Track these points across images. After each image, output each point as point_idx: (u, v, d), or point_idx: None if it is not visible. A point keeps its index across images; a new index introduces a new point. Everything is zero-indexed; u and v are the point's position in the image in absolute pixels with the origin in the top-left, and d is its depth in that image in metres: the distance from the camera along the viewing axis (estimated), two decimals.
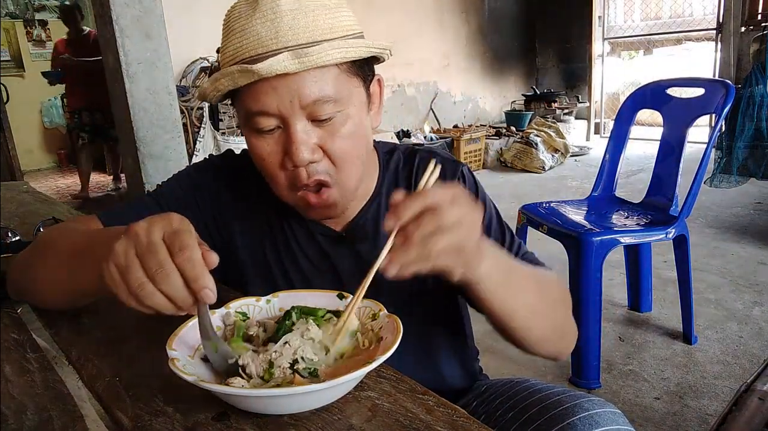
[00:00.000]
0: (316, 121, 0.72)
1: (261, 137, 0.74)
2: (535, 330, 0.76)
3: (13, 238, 1.14)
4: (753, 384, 1.02)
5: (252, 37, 0.69)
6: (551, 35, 7.18)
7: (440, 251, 0.56)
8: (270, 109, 0.71)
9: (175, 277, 0.53)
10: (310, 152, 0.72)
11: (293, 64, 0.67)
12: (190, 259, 0.53)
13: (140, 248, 0.55)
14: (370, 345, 0.64)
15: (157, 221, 0.56)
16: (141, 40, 2.49)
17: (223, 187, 0.89)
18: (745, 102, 3.35)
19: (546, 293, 0.78)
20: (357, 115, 0.76)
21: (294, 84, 0.69)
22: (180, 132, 2.74)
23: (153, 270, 0.53)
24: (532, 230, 2.23)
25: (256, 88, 0.70)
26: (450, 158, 0.92)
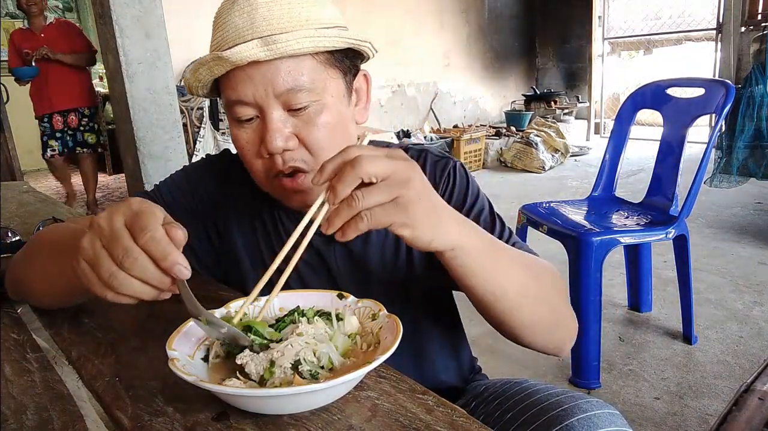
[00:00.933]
0: (292, 110, 0.74)
1: (241, 126, 0.76)
2: (526, 313, 0.71)
3: (13, 238, 1.15)
4: (753, 384, 1.02)
5: (230, 29, 0.72)
6: (551, 35, 7.18)
7: (372, 204, 0.54)
8: (245, 97, 0.73)
9: (143, 260, 0.52)
10: (284, 139, 0.74)
11: (262, 51, 0.68)
12: (153, 239, 0.52)
13: (104, 239, 0.54)
14: (369, 346, 0.64)
15: (117, 208, 0.56)
16: (141, 40, 2.49)
17: (219, 186, 0.90)
18: (745, 102, 3.35)
19: (537, 277, 0.74)
20: (334, 106, 0.76)
21: (268, 73, 0.71)
22: (180, 132, 2.74)
23: (120, 257, 0.52)
24: (532, 230, 2.23)
25: (233, 77, 0.73)
26: (441, 155, 0.91)
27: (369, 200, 0.54)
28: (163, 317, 0.80)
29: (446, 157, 0.90)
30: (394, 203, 0.55)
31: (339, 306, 0.70)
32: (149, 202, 0.57)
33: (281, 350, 0.60)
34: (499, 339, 0.82)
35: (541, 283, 0.74)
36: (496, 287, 0.67)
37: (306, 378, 0.59)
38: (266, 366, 0.59)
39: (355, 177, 0.54)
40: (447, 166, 0.88)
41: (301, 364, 0.59)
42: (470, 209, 0.85)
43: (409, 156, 0.85)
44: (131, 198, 0.58)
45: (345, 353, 0.63)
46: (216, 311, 0.70)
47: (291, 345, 0.60)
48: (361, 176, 0.54)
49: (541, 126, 5.90)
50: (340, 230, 0.55)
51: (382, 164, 0.55)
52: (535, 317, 0.73)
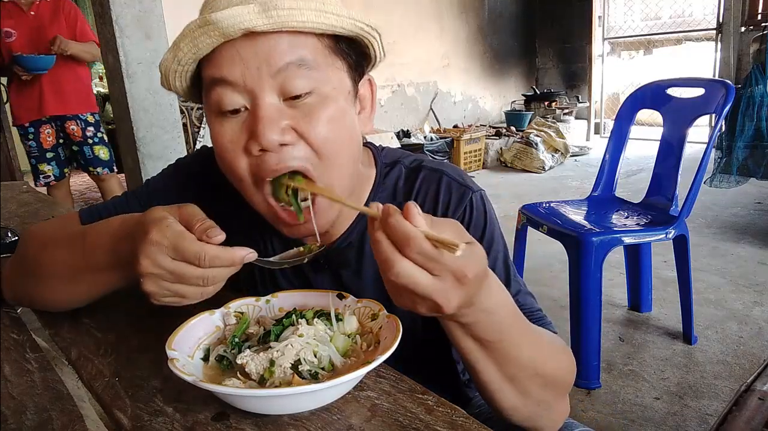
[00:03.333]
0: (288, 98, 0.62)
1: (224, 119, 0.64)
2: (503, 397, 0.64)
3: (12, 238, 1.15)
4: (753, 384, 1.02)
5: (222, 2, 0.61)
6: (551, 35, 7.18)
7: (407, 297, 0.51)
8: (233, 77, 0.61)
9: (219, 271, 0.58)
10: (279, 132, 0.61)
11: (260, 18, 0.57)
12: (212, 258, 0.57)
13: (169, 278, 0.58)
14: (369, 346, 0.64)
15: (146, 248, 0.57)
16: (141, 40, 2.49)
17: (210, 185, 0.82)
18: (745, 102, 3.35)
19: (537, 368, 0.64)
20: (337, 101, 0.65)
21: (263, 46, 0.60)
22: (180, 132, 2.74)
23: (202, 283, 0.58)
24: (532, 230, 2.23)
25: (219, 54, 0.61)
26: (459, 180, 0.79)
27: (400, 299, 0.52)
28: (162, 317, 0.80)
29: (465, 185, 0.78)
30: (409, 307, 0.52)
31: (339, 306, 0.70)
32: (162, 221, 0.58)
33: (281, 350, 0.60)
34: None
35: (538, 375, 0.64)
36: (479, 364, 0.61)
37: (306, 378, 0.59)
38: (266, 366, 0.59)
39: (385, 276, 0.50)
40: (465, 197, 0.77)
41: (301, 364, 0.59)
42: None
43: (423, 175, 0.78)
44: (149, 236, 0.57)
45: (345, 352, 0.63)
46: (216, 311, 0.70)
47: (291, 345, 0.60)
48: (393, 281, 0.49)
49: (541, 126, 5.90)
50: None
51: (422, 286, 0.48)
52: (515, 404, 0.65)
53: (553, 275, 2.78)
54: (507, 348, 0.60)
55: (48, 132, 3.21)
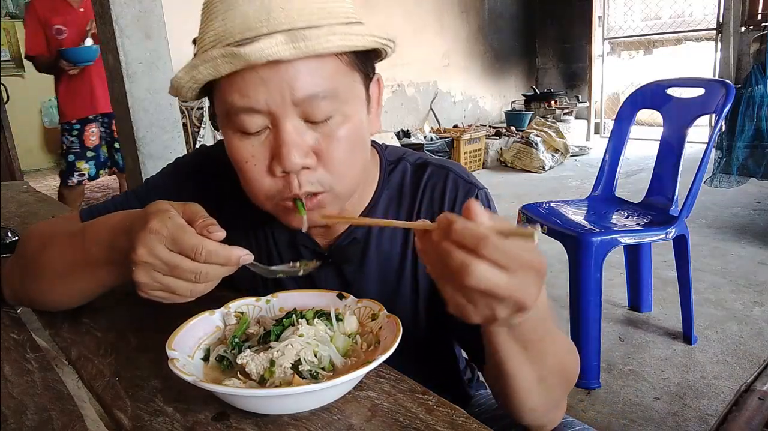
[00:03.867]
0: (310, 122, 0.63)
1: (245, 138, 0.64)
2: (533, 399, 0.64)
3: (13, 238, 1.15)
4: (753, 384, 1.02)
5: (238, 18, 0.59)
6: (551, 35, 7.18)
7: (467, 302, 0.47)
8: (257, 105, 0.61)
9: (213, 269, 0.58)
10: (302, 155, 0.63)
11: (288, 49, 0.57)
12: (210, 253, 0.57)
13: (162, 269, 0.58)
14: (369, 346, 0.64)
15: (144, 237, 0.57)
16: (141, 40, 2.49)
17: (209, 184, 0.83)
18: (745, 102, 3.35)
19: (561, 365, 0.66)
20: (357, 115, 0.67)
21: (286, 74, 0.60)
22: (180, 132, 2.73)
23: (194, 278, 0.58)
24: None
25: (241, 79, 0.60)
26: (465, 177, 0.80)
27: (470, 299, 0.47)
28: (163, 316, 0.80)
29: (471, 182, 0.80)
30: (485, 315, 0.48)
31: (339, 306, 0.70)
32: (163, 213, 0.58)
33: (281, 350, 0.60)
34: None
35: (559, 373, 0.66)
36: (519, 369, 0.60)
37: (306, 378, 0.59)
38: (266, 366, 0.59)
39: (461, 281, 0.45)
40: (470, 194, 0.78)
41: (301, 364, 0.59)
42: None
43: (429, 172, 0.79)
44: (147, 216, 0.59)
45: (345, 352, 0.63)
46: (216, 311, 0.70)
47: (291, 345, 0.60)
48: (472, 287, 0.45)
49: (541, 126, 5.90)
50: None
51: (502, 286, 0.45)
52: (539, 404, 0.66)
53: (553, 275, 2.78)
54: (545, 347, 0.60)
55: (93, 131, 3.26)
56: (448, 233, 0.46)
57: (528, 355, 0.59)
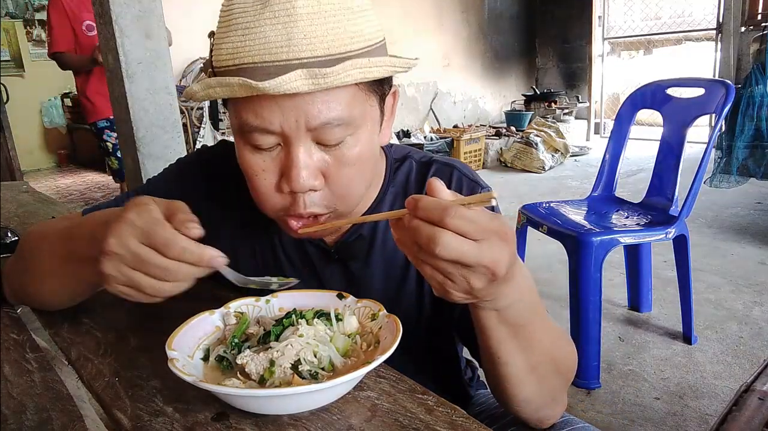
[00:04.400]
0: (322, 144, 0.64)
1: (257, 152, 0.65)
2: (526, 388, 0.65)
3: (13, 238, 1.15)
4: (753, 384, 1.02)
5: (259, 40, 0.58)
6: (551, 35, 7.18)
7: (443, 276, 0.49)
8: (271, 127, 0.61)
9: (182, 268, 0.56)
10: (312, 177, 0.64)
11: (306, 84, 0.57)
12: (183, 249, 0.55)
13: (130, 263, 0.56)
14: (369, 346, 0.64)
15: (118, 228, 0.56)
16: (141, 40, 2.49)
17: (211, 185, 0.84)
18: (745, 102, 3.35)
19: (554, 354, 0.67)
20: (368, 136, 0.67)
21: (303, 103, 0.60)
22: (180, 132, 2.73)
23: (161, 275, 0.55)
24: (532, 230, 2.23)
25: (258, 103, 0.61)
26: (470, 175, 0.81)
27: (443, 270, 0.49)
28: (162, 317, 0.80)
29: (475, 181, 0.81)
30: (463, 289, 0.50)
31: (339, 306, 0.70)
32: (144, 205, 0.57)
33: (281, 350, 0.60)
34: None
35: (554, 362, 0.67)
36: (510, 356, 0.62)
37: (306, 378, 0.59)
38: (266, 366, 0.59)
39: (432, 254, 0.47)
40: (474, 192, 0.79)
41: (301, 364, 0.59)
42: None
43: (435, 169, 0.80)
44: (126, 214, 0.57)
45: (345, 352, 0.63)
46: (216, 311, 0.70)
47: (291, 345, 0.60)
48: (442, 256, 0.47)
49: (541, 126, 5.90)
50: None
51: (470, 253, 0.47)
52: (533, 395, 0.67)
53: (553, 275, 2.78)
54: (534, 333, 0.62)
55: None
56: (416, 212, 0.48)
57: (518, 342, 0.61)
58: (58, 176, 6.67)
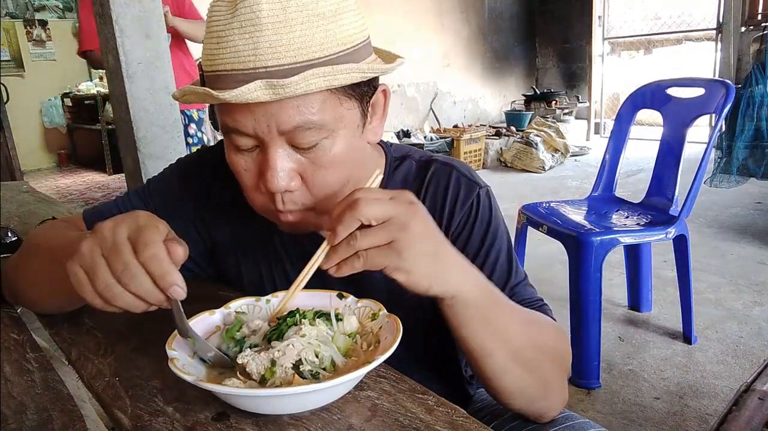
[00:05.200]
0: (298, 147, 0.66)
1: (239, 152, 0.68)
2: (512, 379, 0.66)
3: (12, 238, 1.15)
4: (753, 384, 1.02)
5: (229, 49, 0.60)
6: (551, 35, 7.18)
7: (366, 246, 0.55)
8: (246, 129, 0.64)
9: (142, 276, 0.53)
10: (287, 179, 0.66)
11: (266, 94, 0.59)
12: (155, 256, 0.53)
13: (105, 249, 0.55)
14: (369, 346, 0.64)
15: (123, 219, 0.56)
16: (141, 40, 2.49)
17: (212, 185, 0.85)
18: (745, 102, 3.35)
19: (535, 341, 0.68)
20: (346, 139, 0.68)
21: (271, 108, 0.62)
22: (180, 132, 2.73)
23: (119, 271, 0.53)
24: (532, 230, 2.23)
25: (232, 107, 0.63)
26: (468, 175, 0.82)
27: (363, 242, 0.55)
28: (163, 317, 0.80)
29: (474, 180, 0.81)
30: (389, 246, 0.55)
31: (339, 306, 0.70)
32: (155, 217, 0.58)
33: (282, 350, 0.60)
34: None
35: (539, 349, 0.68)
36: (486, 346, 0.64)
37: (307, 378, 0.59)
38: (267, 366, 0.59)
39: (354, 220, 0.55)
40: (472, 192, 0.80)
41: (302, 364, 0.59)
42: (488, 250, 0.78)
43: (434, 168, 0.82)
44: (138, 211, 0.58)
45: (346, 352, 0.63)
46: (216, 311, 0.70)
47: (292, 345, 0.60)
48: (359, 218, 0.55)
49: (541, 126, 5.90)
50: (335, 266, 0.57)
51: (380, 207, 0.55)
52: (521, 385, 0.67)
53: (553, 275, 2.78)
54: (506, 321, 0.65)
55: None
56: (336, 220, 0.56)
57: (491, 331, 0.63)
58: (58, 176, 6.67)
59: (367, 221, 0.55)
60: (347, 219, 0.55)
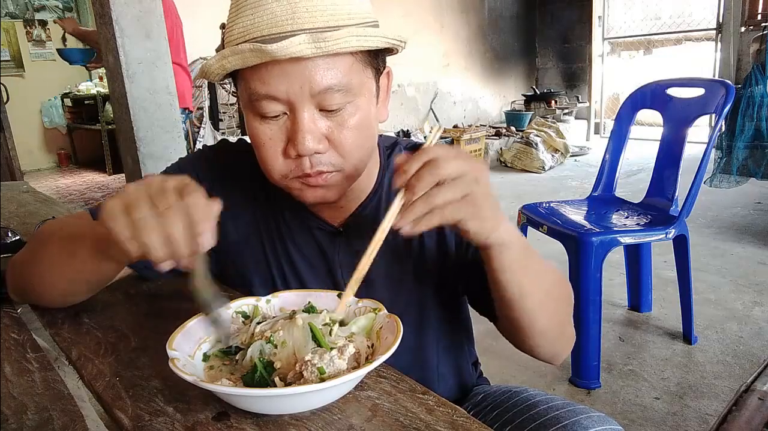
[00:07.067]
0: (325, 110, 0.70)
1: (264, 121, 0.71)
2: (544, 317, 0.74)
3: (13, 238, 1.14)
4: (753, 384, 1.02)
5: (266, 15, 0.65)
6: (551, 35, 7.18)
7: (446, 201, 0.58)
8: (278, 93, 0.67)
9: (184, 217, 0.55)
10: (316, 141, 0.69)
11: (310, 48, 0.63)
12: (198, 203, 0.55)
13: (152, 189, 0.56)
14: (370, 346, 0.64)
15: (171, 177, 0.59)
16: (141, 40, 2.49)
17: (216, 180, 0.86)
18: (745, 102, 3.35)
19: (558, 284, 0.77)
20: (366, 106, 0.73)
21: (306, 69, 0.66)
22: (180, 132, 2.74)
23: (162, 208, 0.55)
24: (532, 230, 2.23)
25: (266, 70, 0.67)
26: None
27: (444, 197, 0.58)
28: (163, 316, 0.80)
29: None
30: (465, 199, 0.59)
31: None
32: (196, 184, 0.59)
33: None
34: (500, 339, 0.82)
35: (560, 291, 0.77)
36: (525, 287, 0.70)
37: (309, 378, 0.58)
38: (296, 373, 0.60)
39: (433, 176, 0.58)
40: None
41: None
42: None
43: None
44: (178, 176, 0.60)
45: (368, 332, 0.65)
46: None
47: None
48: (438, 176, 0.58)
49: (541, 126, 5.90)
50: (411, 223, 0.59)
51: (456, 164, 0.58)
52: (549, 324, 0.75)
53: None
54: (538, 264, 0.72)
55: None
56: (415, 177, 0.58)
57: (528, 273, 0.70)
58: (58, 176, 6.67)
59: (446, 178, 0.58)
60: (426, 176, 0.58)
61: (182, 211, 0.55)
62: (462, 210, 0.59)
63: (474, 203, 0.59)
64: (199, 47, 4.40)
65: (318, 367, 0.57)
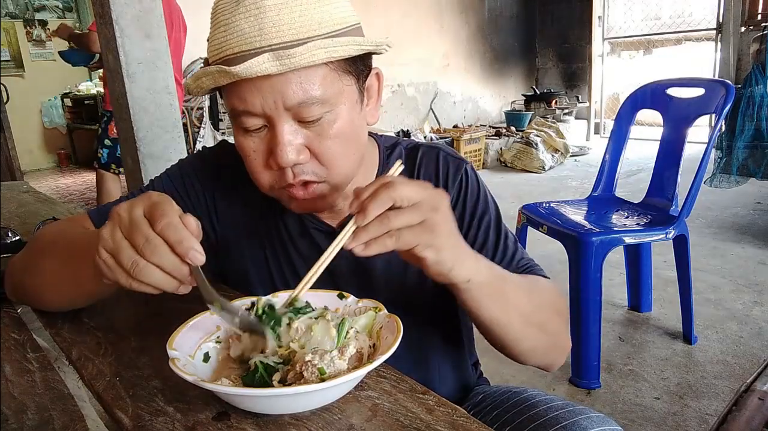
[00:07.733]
0: (303, 122, 0.69)
1: (247, 134, 0.72)
2: (524, 342, 0.75)
3: (13, 238, 1.15)
4: (753, 384, 1.02)
5: (235, 33, 0.65)
6: (551, 35, 7.18)
7: (402, 224, 0.57)
8: (254, 109, 0.68)
9: (162, 247, 0.55)
10: (296, 153, 0.69)
11: (274, 66, 0.63)
12: (170, 224, 0.55)
13: (124, 228, 0.56)
14: (370, 346, 0.64)
15: (136, 200, 0.58)
16: (141, 40, 2.49)
17: (216, 181, 0.87)
18: (745, 102, 3.35)
19: (539, 303, 0.76)
20: (347, 114, 0.72)
21: (278, 84, 0.66)
22: (180, 132, 2.73)
23: (141, 245, 0.55)
24: (532, 230, 2.23)
25: (240, 88, 0.67)
26: (453, 154, 0.89)
27: (398, 220, 0.57)
28: (163, 316, 0.80)
29: (459, 158, 0.88)
30: (422, 225, 0.58)
31: (339, 306, 0.70)
32: (167, 196, 0.59)
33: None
34: None
35: (543, 309, 0.77)
36: (502, 319, 0.70)
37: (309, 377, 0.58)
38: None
39: (388, 199, 0.57)
40: (460, 169, 0.86)
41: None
42: (481, 217, 0.85)
43: (422, 152, 0.88)
44: (150, 192, 0.60)
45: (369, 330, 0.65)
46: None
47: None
48: (394, 197, 0.57)
49: (541, 126, 5.90)
50: (363, 245, 0.57)
51: (414, 189, 0.58)
52: (535, 344, 0.76)
53: (553, 275, 2.77)
54: (512, 291, 0.71)
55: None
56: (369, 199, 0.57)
57: (503, 304, 0.69)
58: (58, 176, 6.67)
59: (401, 201, 0.57)
60: (381, 198, 0.57)
61: (158, 241, 0.54)
62: (419, 236, 0.58)
63: (432, 229, 0.58)
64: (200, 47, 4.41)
65: (318, 367, 0.57)
